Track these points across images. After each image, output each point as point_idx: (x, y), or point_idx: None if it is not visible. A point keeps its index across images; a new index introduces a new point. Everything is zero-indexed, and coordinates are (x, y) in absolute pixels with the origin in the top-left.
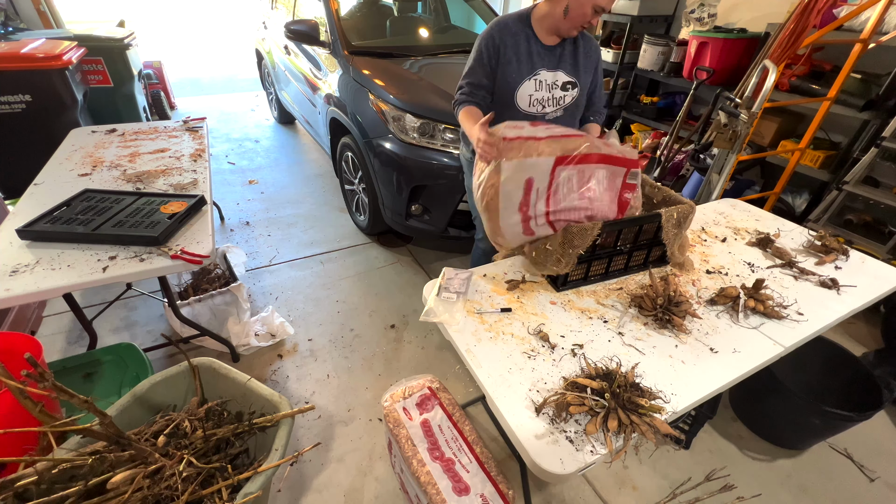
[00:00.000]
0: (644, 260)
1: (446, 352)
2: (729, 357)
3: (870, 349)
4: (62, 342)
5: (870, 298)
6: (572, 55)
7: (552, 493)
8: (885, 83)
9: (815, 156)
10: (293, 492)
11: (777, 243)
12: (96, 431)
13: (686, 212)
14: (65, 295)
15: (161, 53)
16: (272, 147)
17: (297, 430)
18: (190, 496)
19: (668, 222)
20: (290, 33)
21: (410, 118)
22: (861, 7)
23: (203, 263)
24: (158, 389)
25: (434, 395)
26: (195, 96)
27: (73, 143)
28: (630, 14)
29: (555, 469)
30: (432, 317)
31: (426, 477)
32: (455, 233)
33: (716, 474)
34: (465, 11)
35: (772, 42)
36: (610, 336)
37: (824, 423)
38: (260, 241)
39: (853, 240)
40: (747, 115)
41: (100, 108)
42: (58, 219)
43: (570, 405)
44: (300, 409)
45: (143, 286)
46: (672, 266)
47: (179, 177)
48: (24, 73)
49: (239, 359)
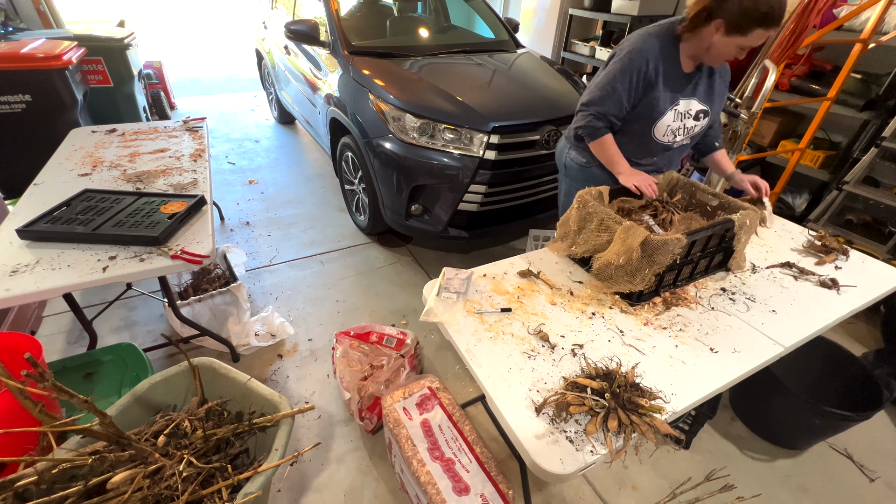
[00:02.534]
0: (707, 266)
1: (446, 352)
2: (729, 357)
3: (870, 349)
4: (62, 342)
5: (870, 298)
6: (708, 81)
7: (552, 493)
8: (885, 83)
9: (815, 156)
10: (293, 492)
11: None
12: (96, 431)
13: (755, 217)
14: (65, 295)
15: (161, 53)
16: (272, 147)
17: (297, 430)
18: (190, 496)
19: (741, 228)
20: (290, 33)
21: (410, 118)
22: (861, 7)
23: (203, 263)
24: (158, 389)
25: (434, 395)
26: (195, 96)
27: (73, 143)
28: (630, 14)
29: (555, 469)
30: (432, 317)
31: (426, 477)
32: (455, 233)
33: (716, 474)
34: (465, 11)
35: (772, 42)
36: (610, 336)
37: (824, 423)
38: (260, 241)
39: (853, 240)
40: (747, 114)
41: (100, 108)
42: (58, 219)
43: (570, 405)
44: (300, 409)
45: (143, 286)
46: (733, 268)
47: (179, 177)
48: (24, 73)
49: (239, 359)
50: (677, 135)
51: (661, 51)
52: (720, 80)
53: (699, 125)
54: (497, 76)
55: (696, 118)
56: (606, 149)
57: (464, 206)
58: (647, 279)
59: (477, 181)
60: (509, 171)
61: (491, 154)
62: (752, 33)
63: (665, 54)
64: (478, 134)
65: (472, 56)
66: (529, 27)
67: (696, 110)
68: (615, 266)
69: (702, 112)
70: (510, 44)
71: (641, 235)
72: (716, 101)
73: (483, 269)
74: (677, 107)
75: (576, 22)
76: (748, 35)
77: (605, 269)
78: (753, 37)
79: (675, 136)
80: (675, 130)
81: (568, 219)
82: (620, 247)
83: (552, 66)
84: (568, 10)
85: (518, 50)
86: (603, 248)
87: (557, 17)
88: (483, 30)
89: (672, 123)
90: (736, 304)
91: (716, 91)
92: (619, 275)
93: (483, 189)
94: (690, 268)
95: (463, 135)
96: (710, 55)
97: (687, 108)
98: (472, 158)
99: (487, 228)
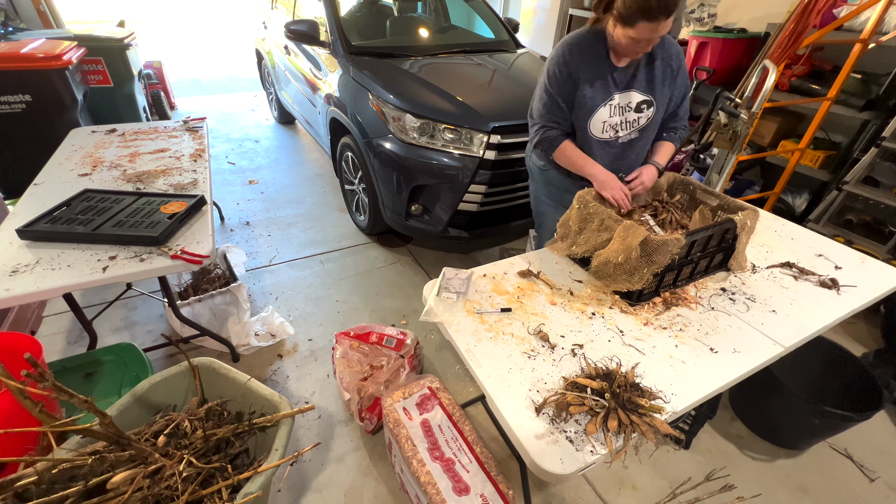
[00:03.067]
0: (707, 266)
1: (446, 352)
2: (729, 357)
3: (870, 349)
4: (62, 342)
5: (870, 298)
6: (647, 70)
7: (552, 493)
8: (885, 83)
9: (815, 156)
10: (293, 492)
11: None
12: (96, 431)
13: (754, 217)
14: (65, 295)
15: (161, 53)
16: (272, 147)
17: (297, 430)
18: (190, 496)
19: (742, 229)
20: (290, 33)
21: (410, 118)
22: (861, 7)
23: (203, 263)
24: (158, 389)
25: (434, 394)
26: (195, 96)
27: (73, 143)
28: None
29: (555, 469)
30: (432, 317)
31: (426, 477)
32: (455, 233)
33: (716, 474)
34: (465, 11)
35: (772, 42)
36: (610, 336)
37: (824, 423)
38: (260, 241)
39: (853, 240)
40: (747, 115)
41: (100, 108)
42: (58, 219)
43: (570, 405)
44: (300, 409)
45: (143, 286)
46: (734, 268)
47: (179, 177)
48: (24, 73)
49: (239, 359)
50: (619, 129)
51: (581, 52)
52: (663, 66)
53: (643, 116)
54: (497, 76)
55: (637, 110)
56: (569, 155)
57: (464, 206)
58: (645, 278)
59: (477, 181)
60: (509, 171)
61: (491, 154)
62: (638, 25)
63: (586, 54)
64: (478, 134)
65: (472, 56)
66: (529, 27)
67: (636, 101)
68: (614, 264)
69: (644, 103)
70: (510, 44)
71: (641, 235)
72: (658, 88)
73: (483, 269)
74: (612, 101)
75: (576, 22)
76: (635, 27)
77: (604, 268)
78: (640, 29)
79: (616, 132)
80: (616, 125)
81: (568, 219)
82: (620, 245)
83: None
84: (568, 10)
85: (518, 50)
86: (603, 248)
87: (557, 17)
88: (483, 30)
89: (609, 119)
90: (736, 304)
91: (658, 78)
92: (617, 273)
93: (483, 189)
94: (690, 268)
95: (463, 135)
96: (618, 48)
97: (626, 101)
98: (472, 158)
99: (487, 228)
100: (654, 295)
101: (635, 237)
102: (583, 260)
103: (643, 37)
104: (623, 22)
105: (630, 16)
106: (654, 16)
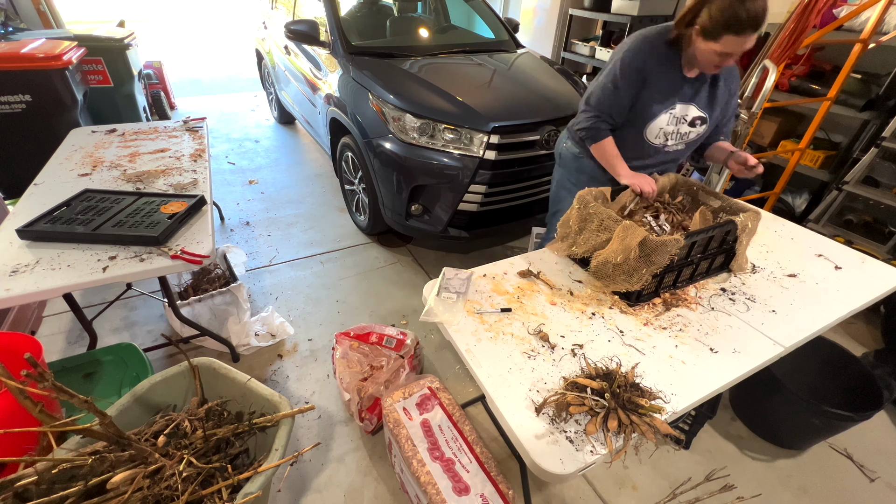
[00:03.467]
0: (707, 268)
1: (446, 352)
2: (729, 357)
3: (870, 349)
4: (62, 342)
5: (870, 298)
6: (710, 89)
7: (552, 493)
8: (885, 83)
9: (815, 156)
10: (293, 492)
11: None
12: (96, 431)
13: (755, 219)
14: (65, 295)
15: (161, 53)
16: (272, 147)
17: (297, 430)
18: (190, 496)
19: (743, 230)
20: (290, 33)
21: (410, 118)
22: (861, 7)
23: (203, 263)
24: (158, 389)
25: (434, 395)
26: (195, 96)
27: (73, 143)
28: (630, 14)
29: (555, 469)
30: (432, 317)
31: (426, 477)
32: (455, 233)
33: (716, 474)
34: (465, 11)
35: (772, 42)
36: (610, 336)
37: (824, 423)
38: (260, 241)
39: (853, 240)
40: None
41: (100, 108)
42: (58, 219)
43: (570, 405)
44: (300, 409)
45: (143, 286)
46: (734, 270)
47: (179, 177)
48: (24, 73)
49: (239, 359)
50: (669, 138)
51: (658, 53)
52: (724, 89)
53: (695, 132)
54: (497, 76)
55: (691, 124)
56: (607, 152)
57: (464, 206)
58: (644, 279)
59: (477, 181)
60: (509, 171)
61: (491, 154)
62: (723, 39)
63: (662, 57)
64: (478, 134)
65: (472, 56)
66: (529, 27)
67: (692, 116)
68: (613, 265)
69: (699, 119)
70: (510, 44)
71: (640, 235)
72: (716, 109)
73: (483, 269)
74: (673, 110)
75: (576, 22)
76: (720, 41)
77: (603, 268)
78: (726, 43)
79: (666, 140)
80: (669, 134)
81: (568, 219)
82: (619, 245)
83: (552, 67)
84: (568, 10)
85: (518, 50)
86: (603, 248)
87: (557, 17)
88: (483, 30)
89: (666, 126)
90: (736, 305)
91: (718, 99)
92: (616, 274)
93: (483, 189)
94: (691, 269)
95: (463, 135)
96: (699, 61)
97: (684, 112)
98: (472, 158)
99: (487, 228)
100: (654, 296)
101: (634, 237)
102: (583, 260)
103: (729, 50)
104: (709, 36)
105: (716, 30)
106: (742, 29)
